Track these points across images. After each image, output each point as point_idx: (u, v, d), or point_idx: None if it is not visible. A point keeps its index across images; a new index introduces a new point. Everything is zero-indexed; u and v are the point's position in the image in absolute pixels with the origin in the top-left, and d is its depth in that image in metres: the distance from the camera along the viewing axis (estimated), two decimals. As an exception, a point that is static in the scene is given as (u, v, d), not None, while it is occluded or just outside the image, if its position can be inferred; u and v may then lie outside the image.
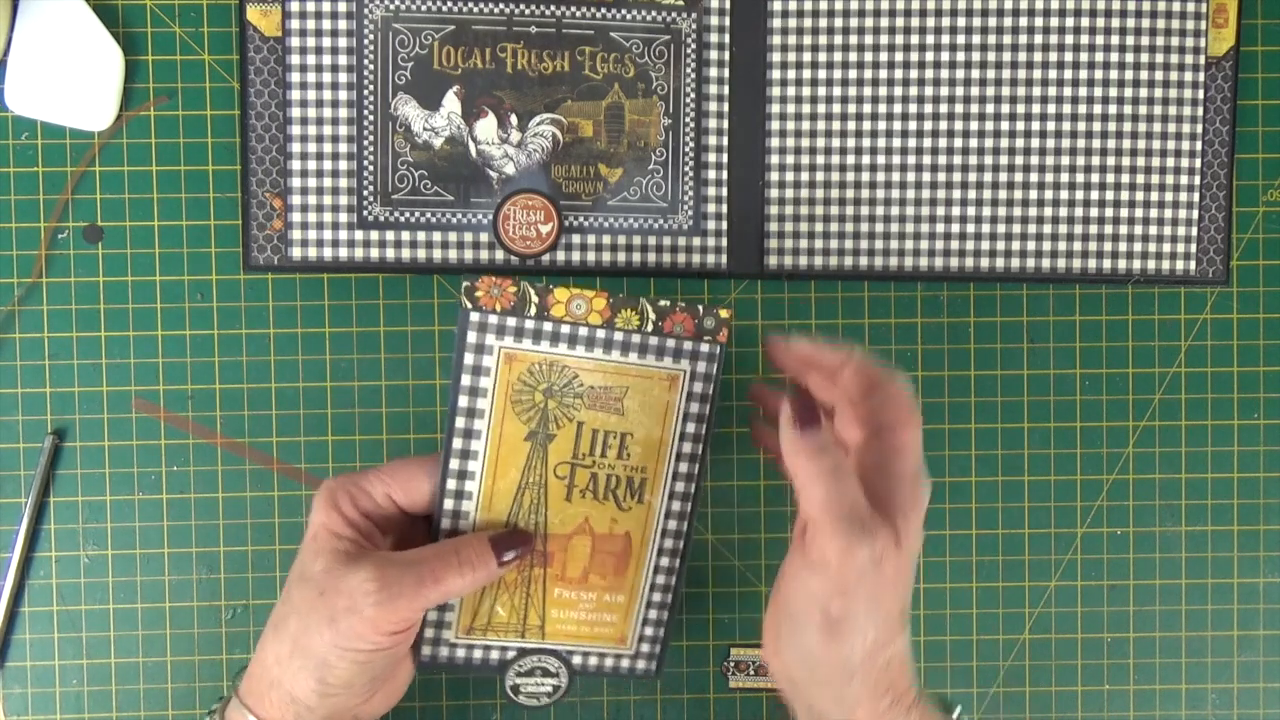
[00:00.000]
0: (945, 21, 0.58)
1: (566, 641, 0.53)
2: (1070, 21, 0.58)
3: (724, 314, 0.49)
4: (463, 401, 0.49)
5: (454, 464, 0.49)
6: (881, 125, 0.58)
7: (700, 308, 0.49)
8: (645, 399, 0.50)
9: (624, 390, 0.49)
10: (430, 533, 0.50)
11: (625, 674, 0.54)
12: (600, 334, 0.49)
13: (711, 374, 0.50)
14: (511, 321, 0.48)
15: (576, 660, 0.53)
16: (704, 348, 0.49)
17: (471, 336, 0.48)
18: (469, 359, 0.48)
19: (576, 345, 0.49)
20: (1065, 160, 0.58)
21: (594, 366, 0.49)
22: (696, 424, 0.50)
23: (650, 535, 0.52)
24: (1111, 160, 0.58)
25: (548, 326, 0.48)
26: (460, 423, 0.49)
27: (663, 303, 0.49)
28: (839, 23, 0.58)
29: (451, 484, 0.49)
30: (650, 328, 0.49)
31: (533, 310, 0.48)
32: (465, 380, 0.49)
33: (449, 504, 0.50)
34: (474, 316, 0.48)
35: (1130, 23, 0.58)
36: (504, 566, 0.49)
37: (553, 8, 0.57)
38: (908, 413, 0.47)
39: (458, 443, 0.49)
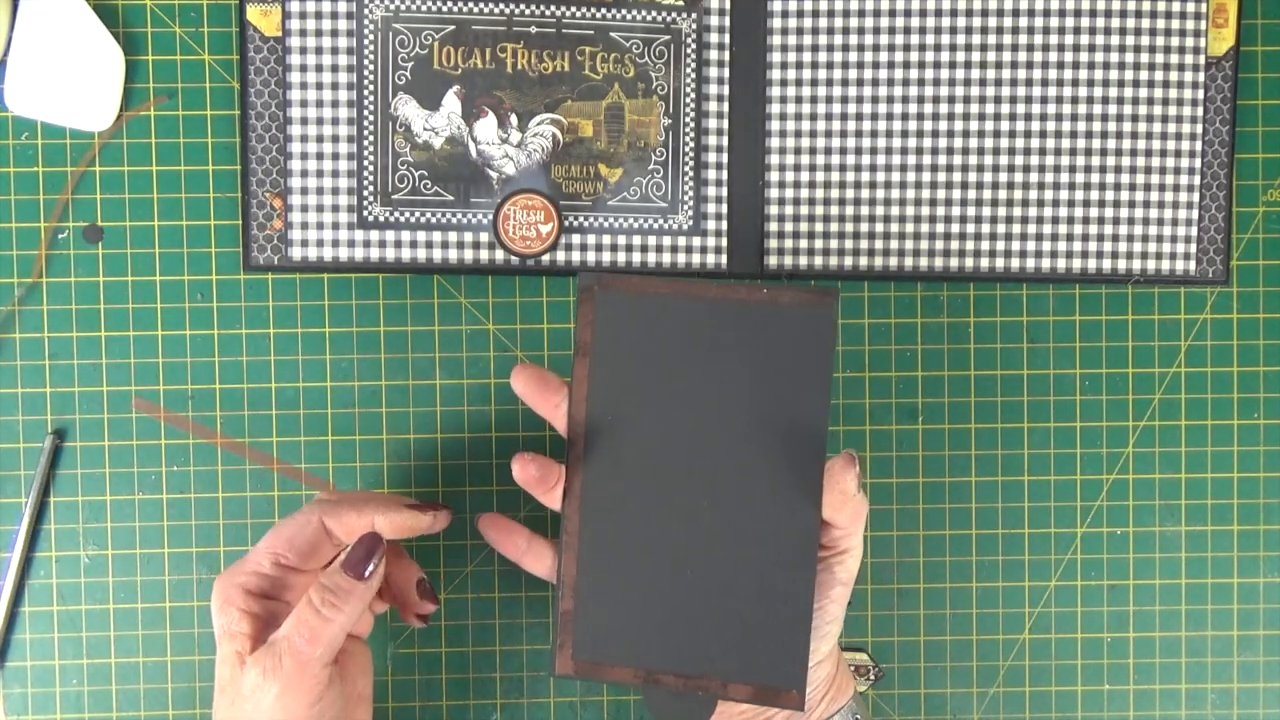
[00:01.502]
0: (945, 21, 0.58)
1: None
2: (1070, 21, 0.58)
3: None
4: None
5: None
6: (881, 125, 0.58)
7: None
8: None
9: None
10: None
11: None
12: None
13: None
14: None
15: None
16: None
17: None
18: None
19: None
20: (1065, 160, 0.58)
21: None
22: None
23: None
24: (1111, 160, 0.58)
25: None
26: None
27: None
28: (839, 23, 0.58)
29: None
30: None
31: None
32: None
33: None
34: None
35: (1130, 23, 0.58)
36: (368, 580, 0.47)
37: (553, 8, 0.57)
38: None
39: None
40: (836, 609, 0.46)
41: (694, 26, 0.58)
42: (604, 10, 0.57)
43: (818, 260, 0.58)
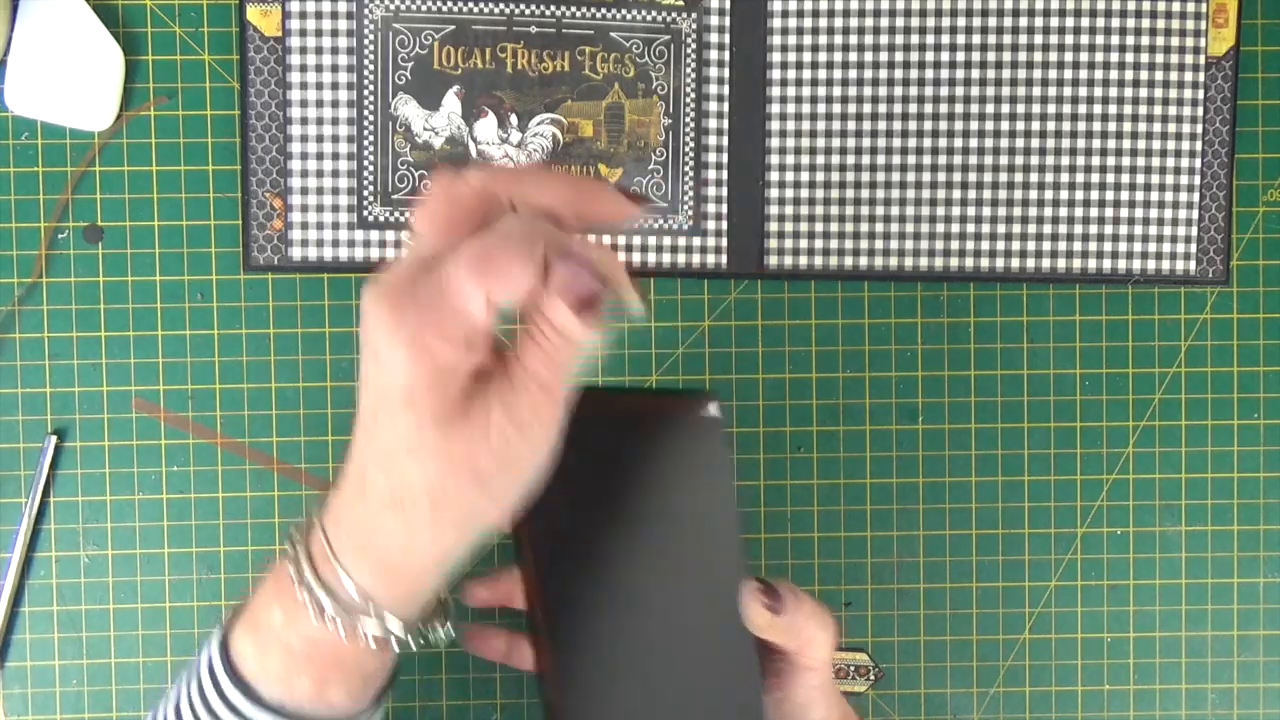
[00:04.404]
0: (945, 21, 0.58)
1: None
2: (1070, 21, 0.58)
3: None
4: None
5: None
6: (881, 125, 0.58)
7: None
8: None
9: None
10: None
11: None
12: None
13: None
14: None
15: None
16: None
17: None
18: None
19: None
20: (1065, 160, 0.58)
21: None
22: None
23: None
24: (1111, 160, 0.58)
25: None
26: None
27: None
28: (839, 23, 0.58)
29: None
30: None
31: None
32: None
33: None
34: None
35: (1130, 23, 0.58)
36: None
37: (553, 8, 0.57)
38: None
39: None
40: (810, 691, 0.46)
41: (694, 26, 0.58)
42: (604, 10, 0.57)
43: (818, 260, 0.58)
